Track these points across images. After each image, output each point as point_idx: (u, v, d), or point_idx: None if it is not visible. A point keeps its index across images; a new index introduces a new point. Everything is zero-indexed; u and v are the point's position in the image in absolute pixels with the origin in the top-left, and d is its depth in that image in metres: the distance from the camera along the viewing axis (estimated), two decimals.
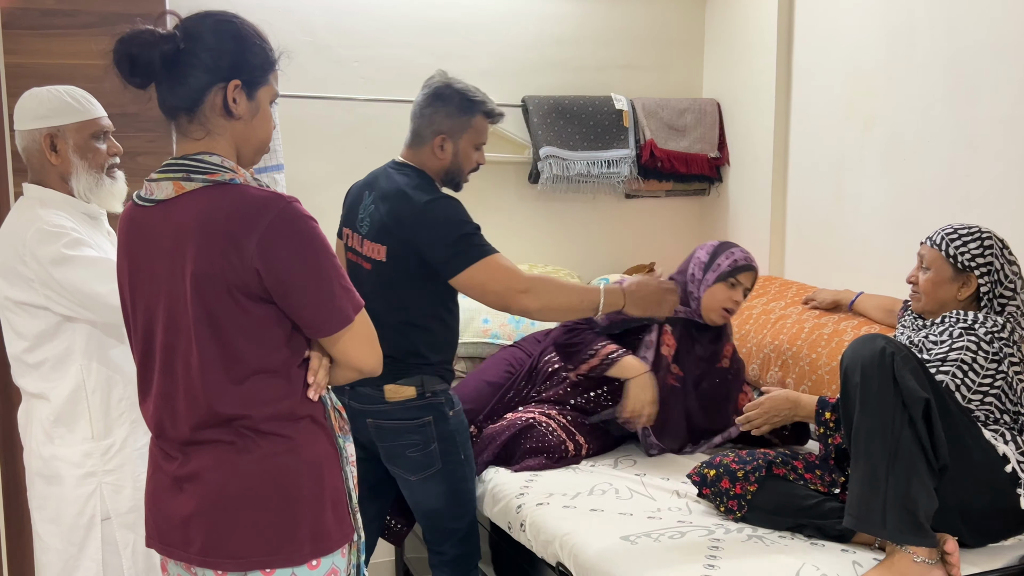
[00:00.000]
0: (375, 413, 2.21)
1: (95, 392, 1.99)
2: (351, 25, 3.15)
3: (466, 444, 2.27)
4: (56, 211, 1.95)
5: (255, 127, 1.46)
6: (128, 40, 1.35)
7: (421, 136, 2.24)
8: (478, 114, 2.23)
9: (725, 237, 3.62)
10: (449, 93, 2.21)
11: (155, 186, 1.41)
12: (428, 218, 2.11)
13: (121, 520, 2.02)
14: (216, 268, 1.35)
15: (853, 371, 1.87)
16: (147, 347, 1.46)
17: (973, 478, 1.88)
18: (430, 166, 2.24)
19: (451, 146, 2.22)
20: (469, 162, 2.27)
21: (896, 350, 1.84)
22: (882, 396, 1.81)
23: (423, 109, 2.23)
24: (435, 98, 2.22)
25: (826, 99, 3.12)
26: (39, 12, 2.53)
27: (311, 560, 1.44)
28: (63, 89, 1.99)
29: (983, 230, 2.10)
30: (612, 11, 3.52)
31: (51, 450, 1.98)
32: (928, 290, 2.13)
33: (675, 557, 1.86)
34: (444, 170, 2.25)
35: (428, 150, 2.23)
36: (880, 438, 1.80)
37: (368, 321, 1.49)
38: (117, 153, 2.05)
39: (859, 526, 1.83)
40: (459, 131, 2.22)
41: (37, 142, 1.97)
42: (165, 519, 1.47)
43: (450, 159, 2.23)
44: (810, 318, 2.84)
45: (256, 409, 1.41)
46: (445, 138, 2.21)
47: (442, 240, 2.09)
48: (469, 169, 2.29)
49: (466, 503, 2.27)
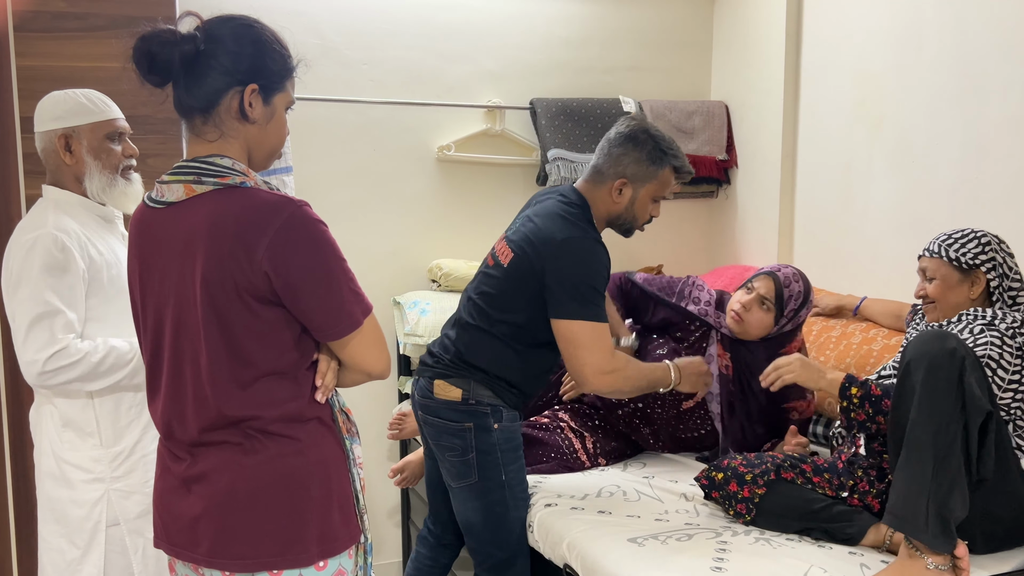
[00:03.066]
0: (423, 406, 2.18)
1: (105, 400, 2.00)
2: (359, 28, 3.16)
3: (511, 467, 2.15)
4: (67, 216, 1.96)
5: (269, 132, 1.47)
6: (148, 38, 1.36)
7: (602, 174, 2.16)
8: (667, 167, 2.15)
9: (733, 240, 3.62)
10: (644, 139, 2.13)
11: (166, 188, 1.42)
12: (566, 250, 2.04)
13: (130, 525, 2.03)
14: (226, 271, 1.36)
15: (917, 366, 1.81)
16: (156, 348, 1.47)
17: (1001, 488, 1.86)
18: (601, 206, 2.17)
19: (630, 192, 2.15)
20: (644, 213, 2.19)
21: (967, 354, 1.79)
22: (944, 398, 1.76)
23: (612, 148, 2.15)
24: (628, 139, 2.13)
25: (834, 101, 3.11)
26: (50, 15, 2.55)
27: (318, 561, 1.44)
28: (81, 92, 2.02)
29: (975, 230, 2.12)
30: (620, 13, 3.52)
31: (61, 452, 1.99)
32: (940, 297, 2.12)
33: (682, 559, 1.86)
34: (616, 215, 2.18)
35: (606, 190, 2.15)
36: (932, 440, 1.75)
37: (377, 325, 1.49)
38: (133, 155, 2.07)
39: (901, 526, 1.78)
40: (643, 180, 2.14)
41: (52, 143, 1.99)
42: (173, 520, 1.47)
43: (625, 205, 2.16)
44: (818, 321, 2.83)
45: (264, 411, 1.41)
46: (626, 183, 2.13)
47: (570, 279, 2.03)
48: (643, 220, 2.22)
49: (506, 531, 2.15)
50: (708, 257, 3.77)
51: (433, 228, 3.32)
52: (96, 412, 1.99)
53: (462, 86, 3.32)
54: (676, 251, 3.73)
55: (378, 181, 3.21)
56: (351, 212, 3.15)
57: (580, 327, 2.02)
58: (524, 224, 2.14)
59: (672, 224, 3.72)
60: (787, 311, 2.41)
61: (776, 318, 2.42)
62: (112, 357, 1.94)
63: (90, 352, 1.91)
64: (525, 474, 2.21)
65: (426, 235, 3.32)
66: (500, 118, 3.36)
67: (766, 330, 2.44)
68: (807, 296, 2.44)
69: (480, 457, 2.12)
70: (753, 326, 2.42)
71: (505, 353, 2.12)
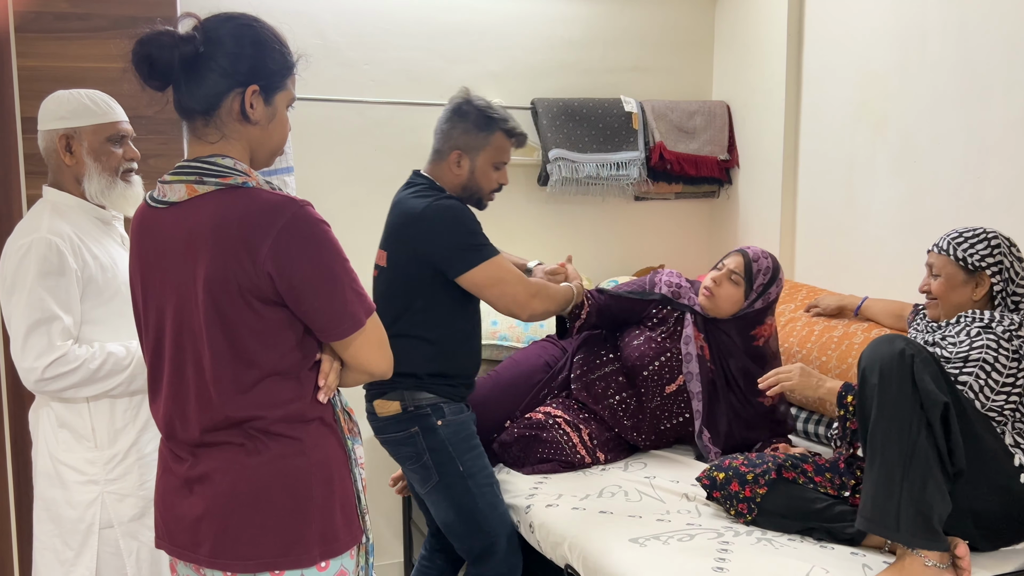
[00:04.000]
0: (375, 429, 2.26)
1: (100, 403, 2.00)
2: (361, 28, 3.16)
3: (466, 457, 2.20)
4: (63, 220, 1.96)
5: (271, 132, 1.47)
6: (147, 41, 1.35)
7: (440, 152, 2.26)
8: (497, 131, 2.23)
9: (735, 240, 3.62)
10: (468, 109, 2.22)
11: (168, 188, 1.42)
12: (429, 217, 2.12)
13: (124, 528, 2.02)
14: (229, 271, 1.35)
15: (871, 371, 1.85)
16: (157, 348, 1.47)
17: (988, 482, 1.87)
18: (447, 181, 2.25)
19: (468, 163, 2.23)
20: (488, 180, 2.27)
21: (916, 352, 1.83)
22: (900, 398, 1.80)
23: (442, 125, 2.25)
24: (454, 113, 2.24)
25: (837, 101, 3.11)
26: (52, 16, 2.54)
27: (320, 562, 1.44)
28: (84, 92, 2.01)
29: (987, 230, 2.10)
30: (621, 13, 3.52)
31: (57, 453, 1.99)
32: (943, 295, 2.12)
33: (684, 560, 1.86)
34: (461, 186, 2.25)
35: (446, 166, 2.25)
36: (896, 440, 1.79)
37: (379, 325, 1.50)
38: (134, 158, 2.06)
39: (872, 528, 1.82)
40: (476, 148, 2.22)
41: (53, 143, 1.99)
42: (175, 520, 1.47)
43: (467, 175, 2.24)
44: (820, 320, 2.83)
45: (267, 411, 1.41)
46: (461, 154, 2.22)
47: (450, 236, 2.11)
48: (490, 188, 2.29)
49: (480, 519, 2.19)
50: (709, 257, 3.77)
51: None
52: (91, 415, 1.99)
53: (463, 86, 3.32)
54: (677, 251, 3.73)
55: (379, 181, 3.21)
56: (352, 212, 3.15)
57: (485, 269, 2.12)
58: (387, 223, 2.26)
59: (673, 224, 3.72)
60: (756, 285, 2.48)
61: (746, 292, 2.48)
62: (110, 363, 1.94)
63: (88, 359, 1.91)
64: (486, 461, 2.26)
65: None
66: None
67: (736, 305, 2.49)
68: (775, 272, 2.51)
69: (433, 456, 2.18)
70: (723, 300, 2.48)
71: (420, 347, 2.17)
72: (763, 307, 2.53)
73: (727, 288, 2.48)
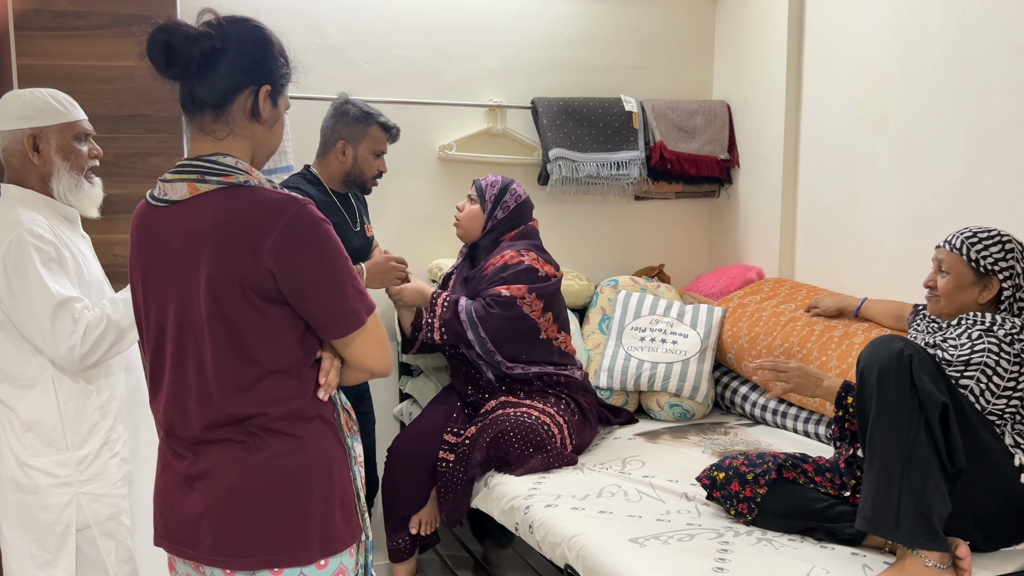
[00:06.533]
0: None
1: (68, 402, 1.98)
2: (361, 26, 3.16)
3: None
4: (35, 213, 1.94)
5: (274, 133, 1.50)
6: (167, 30, 1.36)
7: (327, 144, 2.64)
8: (374, 124, 2.63)
9: (735, 239, 3.61)
10: (348, 107, 2.63)
11: (169, 187, 1.42)
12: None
13: (101, 528, 2.00)
14: (231, 270, 1.36)
15: (870, 372, 1.85)
16: (158, 347, 1.47)
17: (988, 482, 1.86)
18: (333, 169, 2.65)
19: (351, 151, 2.62)
20: (369, 167, 2.65)
21: (914, 352, 1.82)
22: (899, 398, 1.79)
23: (327, 122, 2.64)
24: (336, 110, 2.64)
25: (837, 100, 3.11)
26: (52, 14, 2.54)
27: (319, 560, 1.44)
28: (47, 91, 2.00)
29: (1002, 233, 2.08)
30: (622, 12, 3.52)
31: (25, 458, 1.96)
32: (948, 293, 2.10)
33: (684, 560, 1.86)
34: (346, 172, 2.65)
35: (332, 156, 2.63)
36: (896, 441, 1.78)
37: (380, 323, 1.50)
38: (98, 156, 2.06)
39: (872, 528, 1.81)
40: (358, 138, 2.62)
41: (20, 142, 1.97)
42: (174, 518, 1.47)
43: (351, 163, 2.63)
44: (820, 321, 2.83)
45: (269, 408, 1.41)
46: (346, 144, 2.61)
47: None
48: (372, 175, 2.67)
49: None
50: (710, 257, 3.77)
51: (434, 228, 3.32)
52: (61, 414, 1.97)
53: (464, 85, 3.32)
54: (678, 251, 3.72)
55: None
56: None
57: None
58: None
59: (674, 224, 3.71)
60: (488, 196, 2.78)
61: (483, 206, 2.78)
62: (121, 308, 1.94)
63: (106, 314, 1.91)
64: None
65: (427, 235, 3.32)
66: (502, 117, 3.36)
67: (481, 219, 2.79)
68: (505, 184, 2.81)
69: None
70: (468, 219, 2.80)
71: None
72: (505, 218, 2.77)
73: (468, 209, 2.80)
